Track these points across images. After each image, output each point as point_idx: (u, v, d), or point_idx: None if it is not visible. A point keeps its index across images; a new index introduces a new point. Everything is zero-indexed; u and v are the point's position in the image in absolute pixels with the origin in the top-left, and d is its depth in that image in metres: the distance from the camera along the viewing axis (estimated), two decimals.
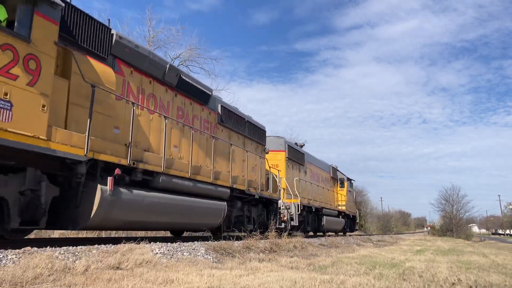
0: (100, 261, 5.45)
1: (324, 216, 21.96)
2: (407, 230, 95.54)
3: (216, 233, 12.13)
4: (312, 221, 20.72)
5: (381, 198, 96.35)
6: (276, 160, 17.60)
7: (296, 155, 19.64)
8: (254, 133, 14.60)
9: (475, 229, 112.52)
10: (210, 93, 11.57)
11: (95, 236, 13.18)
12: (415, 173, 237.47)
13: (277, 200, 15.54)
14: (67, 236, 12.14)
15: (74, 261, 5.22)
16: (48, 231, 12.49)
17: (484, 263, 10.43)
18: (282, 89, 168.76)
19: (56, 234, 12.57)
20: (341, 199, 27.30)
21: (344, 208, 27.08)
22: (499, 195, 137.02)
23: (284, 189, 17.34)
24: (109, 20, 8.40)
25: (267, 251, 9.43)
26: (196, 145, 10.60)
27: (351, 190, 30.55)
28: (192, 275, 5.28)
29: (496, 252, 18.37)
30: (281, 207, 16.21)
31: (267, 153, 15.71)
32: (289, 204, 17.18)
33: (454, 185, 74.42)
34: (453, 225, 58.84)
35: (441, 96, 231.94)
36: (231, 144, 12.32)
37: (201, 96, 11.19)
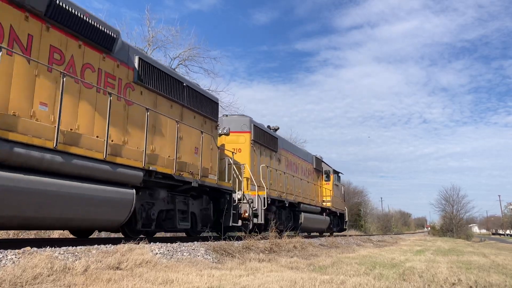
0: (100, 261, 5.44)
1: (302, 213, 18.34)
2: (407, 230, 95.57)
3: (127, 233, 9.39)
4: (286, 219, 17.21)
5: (381, 198, 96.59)
6: (239, 143, 14.42)
7: (266, 139, 16.14)
8: (200, 104, 11.27)
9: (475, 229, 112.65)
10: (114, 36, 8.28)
11: (95, 236, 13.17)
12: (415, 173, 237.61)
13: (231, 191, 12.19)
14: (67, 236, 12.13)
15: (74, 261, 5.22)
16: (47, 231, 12.48)
17: (484, 263, 10.42)
18: (282, 89, 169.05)
19: (56, 234, 12.56)
20: (326, 194, 23.67)
21: (329, 204, 23.52)
22: (499, 195, 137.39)
23: (248, 178, 14.08)
24: None
25: (267, 251, 9.42)
26: (86, 106, 7.57)
27: (339, 184, 26.99)
28: (192, 275, 5.28)
29: (496, 253, 18.37)
30: (237, 201, 12.71)
31: (227, 134, 13.28)
32: (252, 197, 13.78)
33: (454, 185, 74.69)
34: (453, 225, 59.01)
35: (441, 96, 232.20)
36: (147, 109, 8.86)
37: (99, 38, 7.95)
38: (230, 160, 12.85)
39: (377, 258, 10.53)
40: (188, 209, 10.68)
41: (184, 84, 10.73)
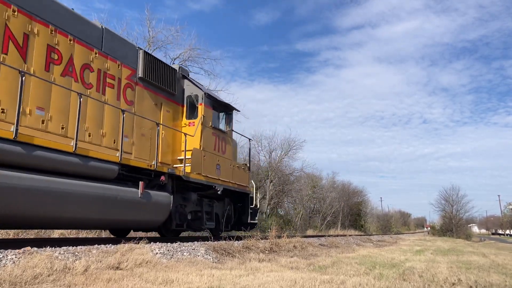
0: (100, 261, 5.45)
1: None
2: (407, 230, 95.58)
3: None
4: None
5: (381, 198, 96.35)
6: None
7: None
8: None
9: (475, 229, 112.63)
10: None
11: (95, 236, 13.17)
12: (415, 173, 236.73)
13: None
14: (67, 236, 12.13)
15: (74, 261, 5.22)
16: (48, 231, 12.52)
17: (484, 263, 10.43)
18: (283, 89, 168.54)
19: (56, 234, 12.56)
20: (184, 146, 10.44)
21: (186, 167, 10.25)
22: (499, 195, 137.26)
23: None
24: None
25: (267, 251, 9.42)
26: None
27: (227, 130, 12.77)
28: (192, 275, 5.28)
29: (496, 252, 18.39)
30: None
31: None
32: None
33: (453, 185, 74.54)
34: (453, 225, 59.01)
35: (442, 96, 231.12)
36: None
37: None
38: None
39: (377, 258, 10.53)
40: None
41: None
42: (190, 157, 10.40)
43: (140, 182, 8.89)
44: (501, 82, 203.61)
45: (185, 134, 10.57)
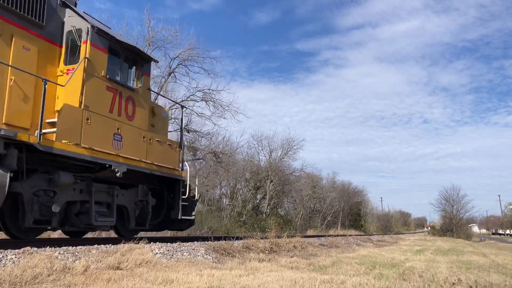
0: (100, 261, 5.45)
1: None
2: (407, 230, 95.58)
3: None
4: None
5: (381, 198, 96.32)
6: None
7: None
8: None
9: (475, 229, 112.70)
10: None
11: (95, 236, 13.16)
12: (415, 173, 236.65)
13: None
14: (67, 236, 12.12)
15: (74, 261, 5.22)
16: (47, 231, 12.50)
17: (484, 263, 10.43)
18: (283, 89, 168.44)
19: (56, 234, 12.56)
20: (42, 101, 6.47)
21: (44, 134, 6.52)
22: (499, 195, 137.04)
23: None
24: None
25: (267, 251, 9.42)
26: None
27: (137, 87, 8.73)
28: (192, 275, 5.28)
29: (496, 252, 18.39)
30: None
31: None
32: None
33: (454, 185, 74.44)
34: (453, 225, 59.04)
35: (442, 96, 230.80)
36: None
37: None
38: None
39: (377, 258, 10.53)
40: None
41: None
42: (57, 119, 6.88)
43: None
44: (501, 82, 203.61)
45: (45, 81, 6.60)
